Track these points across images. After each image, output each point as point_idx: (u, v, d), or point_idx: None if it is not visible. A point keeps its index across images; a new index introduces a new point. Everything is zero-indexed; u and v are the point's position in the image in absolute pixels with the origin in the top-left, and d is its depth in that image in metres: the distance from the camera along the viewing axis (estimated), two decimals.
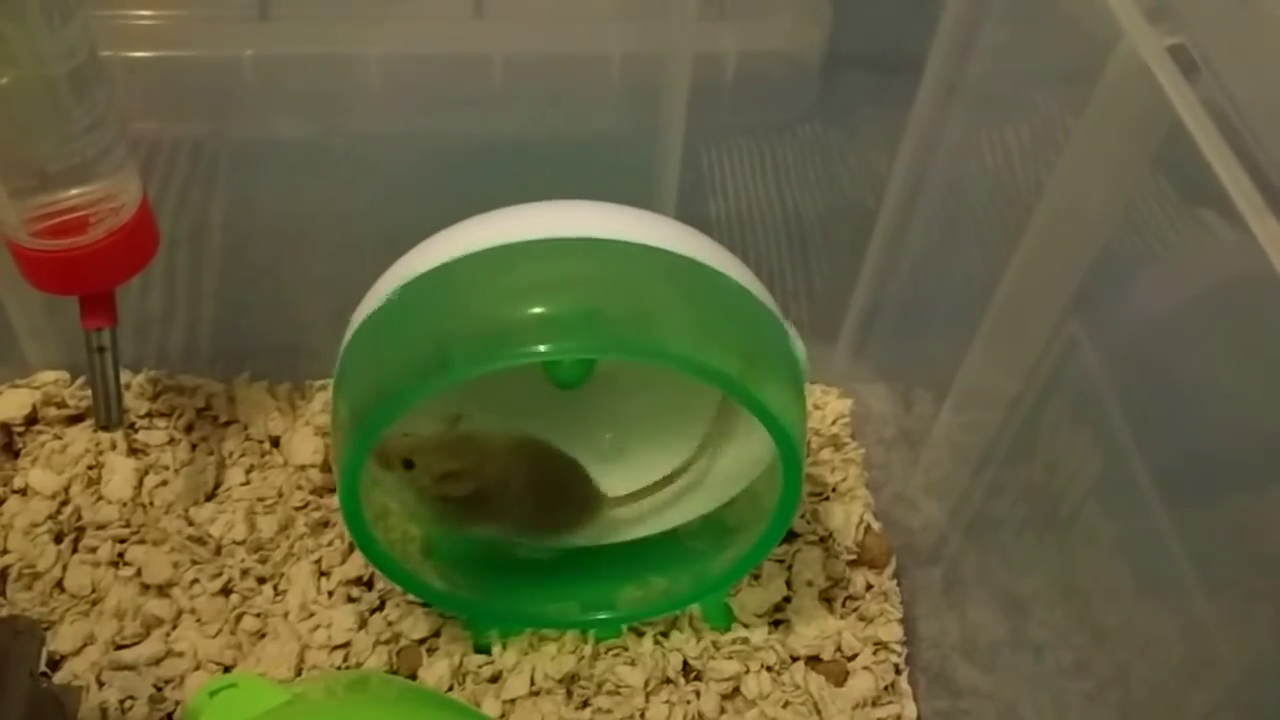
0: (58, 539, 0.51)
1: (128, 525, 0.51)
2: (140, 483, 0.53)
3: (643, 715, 0.47)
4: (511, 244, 0.39)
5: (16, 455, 0.54)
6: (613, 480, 0.48)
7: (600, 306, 0.38)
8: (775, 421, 0.40)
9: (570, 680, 0.48)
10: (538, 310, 0.38)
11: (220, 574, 0.50)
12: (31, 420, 0.55)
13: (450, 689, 0.48)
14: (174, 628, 0.49)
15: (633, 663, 0.48)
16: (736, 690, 0.48)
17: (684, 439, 0.49)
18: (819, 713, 0.48)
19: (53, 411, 0.55)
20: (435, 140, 0.49)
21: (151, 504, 0.52)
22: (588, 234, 0.40)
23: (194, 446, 0.54)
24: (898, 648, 0.50)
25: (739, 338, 0.40)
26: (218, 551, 0.51)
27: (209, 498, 0.53)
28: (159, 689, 0.47)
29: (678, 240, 0.40)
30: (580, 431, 0.49)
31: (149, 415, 0.55)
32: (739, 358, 0.39)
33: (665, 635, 0.49)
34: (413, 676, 0.48)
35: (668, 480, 0.49)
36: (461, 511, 0.46)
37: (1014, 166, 0.42)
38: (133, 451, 0.54)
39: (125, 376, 0.56)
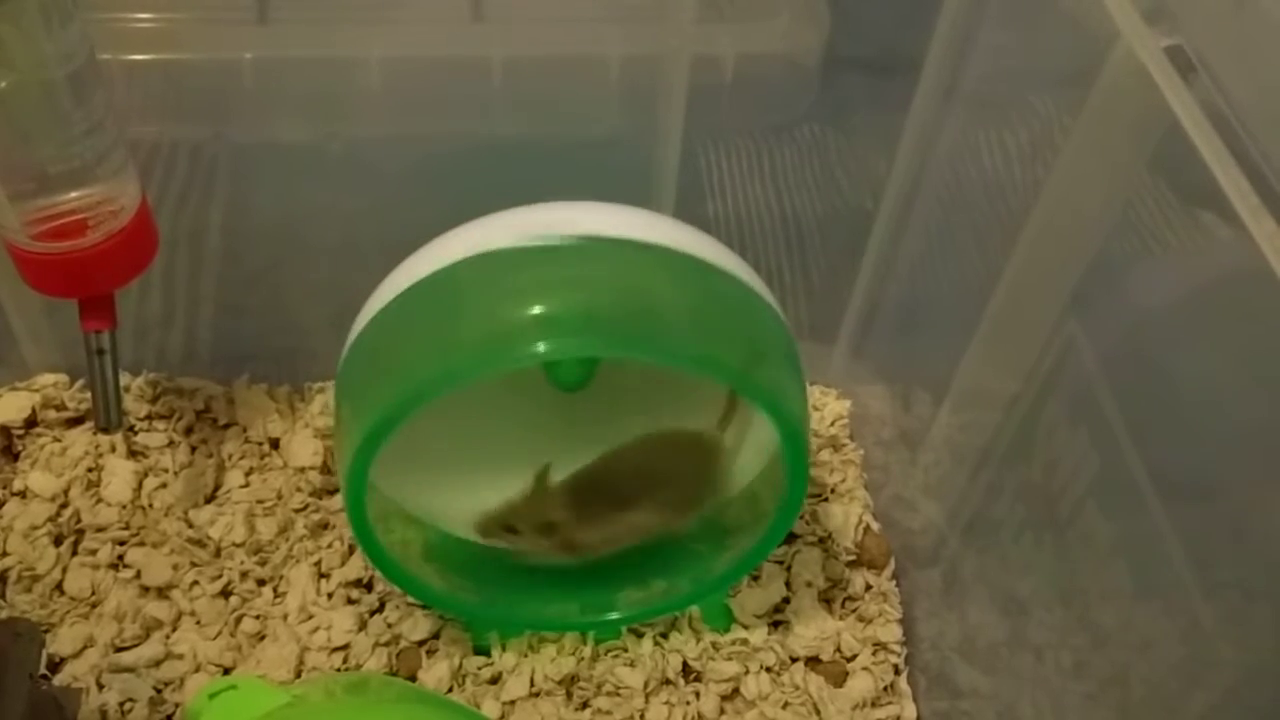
0: (57, 541, 0.51)
1: (127, 527, 0.51)
2: (140, 485, 0.53)
3: (642, 716, 0.47)
4: (509, 248, 0.39)
5: (16, 458, 0.54)
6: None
7: (599, 305, 0.38)
8: (780, 411, 0.40)
9: (570, 681, 0.48)
10: (536, 311, 0.38)
11: (220, 576, 0.50)
12: (31, 423, 0.55)
13: (450, 690, 0.48)
14: (174, 630, 0.49)
15: (632, 664, 0.48)
16: (736, 691, 0.48)
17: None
18: (818, 713, 0.48)
19: (52, 414, 0.55)
20: (434, 143, 0.49)
21: (151, 506, 0.52)
22: (585, 233, 0.40)
23: (193, 449, 0.54)
24: (897, 648, 0.50)
25: (740, 331, 0.40)
26: (217, 554, 0.51)
27: (208, 500, 0.53)
28: (159, 691, 0.47)
29: (674, 236, 0.40)
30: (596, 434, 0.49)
31: (148, 418, 0.55)
32: (741, 351, 0.39)
33: (665, 636, 0.49)
34: (412, 678, 0.48)
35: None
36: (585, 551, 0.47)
37: (1012, 167, 0.42)
38: (132, 454, 0.54)
39: (125, 379, 0.56)
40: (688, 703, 0.48)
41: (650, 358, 0.39)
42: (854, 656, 0.50)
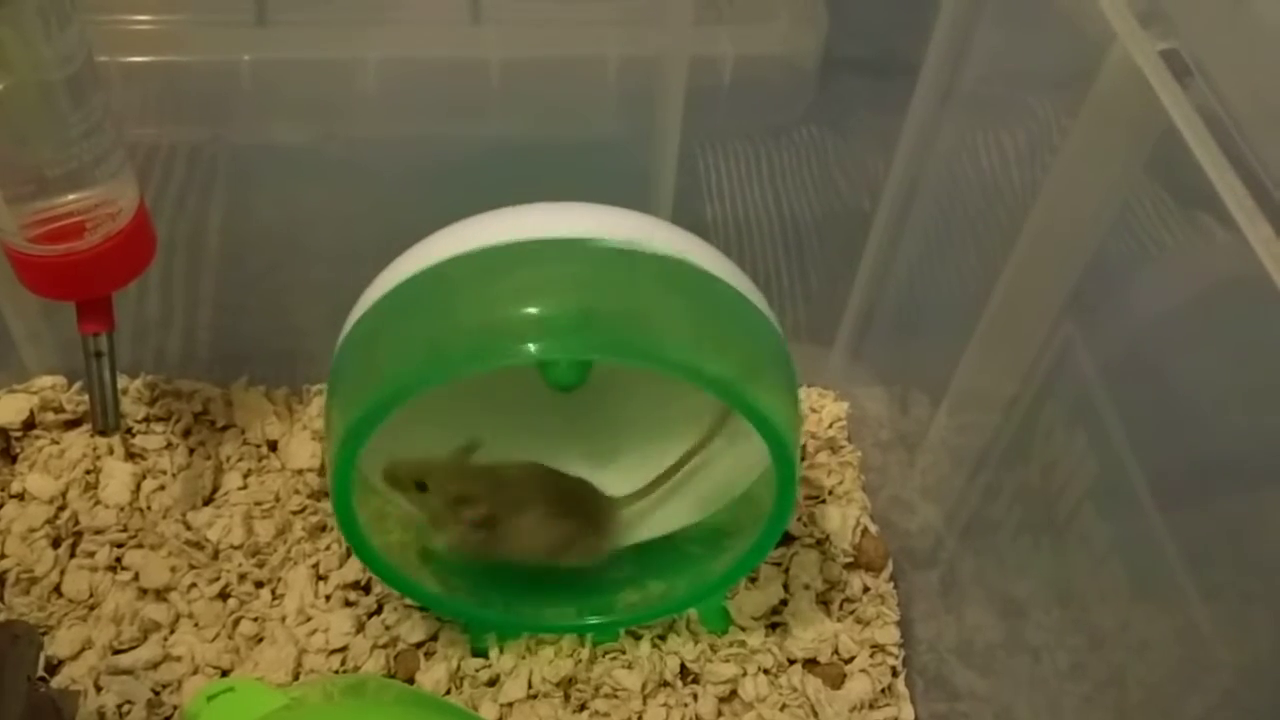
0: (55, 544, 0.51)
1: (125, 530, 0.51)
2: (138, 487, 0.53)
3: (640, 718, 0.47)
4: (504, 244, 0.39)
5: (14, 460, 0.54)
6: (614, 483, 0.49)
7: (595, 307, 0.38)
8: (769, 426, 0.40)
9: (568, 683, 0.48)
10: (532, 310, 0.38)
11: (218, 578, 0.50)
12: (29, 425, 0.55)
13: (448, 692, 0.48)
14: (171, 632, 0.49)
15: (630, 666, 0.48)
16: (734, 693, 0.48)
17: (681, 438, 0.49)
18: (816, 715, 0.48)
19: (50, 416, 0.55)
20: (432, 145, 0.49)
21: (149, 508, 0.52)
22: (582, 235, 0.40)
23: (191, 451, 0.54)
24: (894, 650, 0.50)
25: (734, 342, 0.40)
26: (215, 556, 0.51)
27: (206, 502, 0.53)
28: (156, 693, 0.47)
29: (673, 243, 0.40)
30: (577, 435, 0.49)
31: (146, 420, 0.55)
32: (733, 362, 0.39)
33: (663, 638, 0.49)
34: (410, 680, 0.48)
35: (665, 477, 0.49)
36: (478, 540, 0.46)
37: (1009, 170, 0.42)
38: (130, 456, 0.54)
39: (122, 381, 0.56)
40: (685, 705, 0.48)
41: (644, 364, 0.39)
42: (851, 658, 0.50)
